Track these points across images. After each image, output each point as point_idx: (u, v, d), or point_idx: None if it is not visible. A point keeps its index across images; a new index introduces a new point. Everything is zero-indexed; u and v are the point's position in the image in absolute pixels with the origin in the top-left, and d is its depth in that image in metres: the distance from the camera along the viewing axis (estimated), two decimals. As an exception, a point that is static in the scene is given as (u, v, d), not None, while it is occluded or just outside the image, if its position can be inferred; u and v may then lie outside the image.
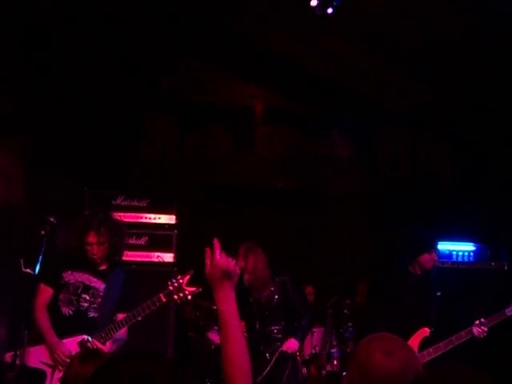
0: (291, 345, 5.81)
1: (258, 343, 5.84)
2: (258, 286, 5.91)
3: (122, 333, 5.08)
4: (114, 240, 5.17)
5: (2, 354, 5.03)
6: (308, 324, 6.12)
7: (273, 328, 5.84)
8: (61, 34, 7.30)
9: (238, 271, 2.52)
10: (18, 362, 4.56)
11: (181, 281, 4.95)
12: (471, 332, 5.60)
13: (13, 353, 4.58)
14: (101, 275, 5.18)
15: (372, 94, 8.56)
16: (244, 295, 5.89)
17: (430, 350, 5.51)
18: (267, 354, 5.80)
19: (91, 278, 5.15)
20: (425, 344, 5.55)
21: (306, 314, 5.99)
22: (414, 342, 5.51)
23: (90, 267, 5.17)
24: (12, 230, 6.86)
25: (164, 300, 4.96)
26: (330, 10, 6.15)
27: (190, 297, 4.99)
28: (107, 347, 4.93)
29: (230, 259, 2.50)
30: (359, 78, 8.20)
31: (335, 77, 8.32)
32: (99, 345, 4.88)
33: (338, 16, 6.32)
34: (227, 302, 2.44)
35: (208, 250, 2.51)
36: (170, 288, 4.94)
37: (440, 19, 6.57)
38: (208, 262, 2.49)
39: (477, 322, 5.58)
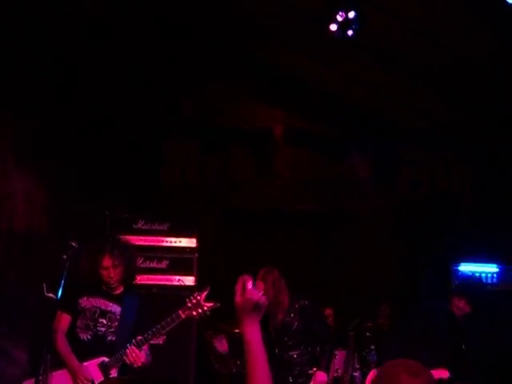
0: (320, 380, 5.72)
1: (279, 368, 5.79)
2: (274, 309, 5.84)
3: (147, 349, 5.11)
4: (127, 262, 5.21)
5: (24, 380, 5.05)
6: (330, 351, 6.05)
7: (292, 353, 5.79)
8: (82, 60, 7.39)
9: (266, 303, 2.57)
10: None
11: (198, 297, 5.01)
12: None
13: (34, 379, 4.58)
14: (116, 299, 5.21)
15: (392, 116, 8.54)
16: (262, 322, 5.85)
17: None
18: (290, 378, 5.75)
19: (107, 302, 5.17)
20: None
21: (326, 341, 5.94)
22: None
23: (105, 292, 5.20)
24: (35, 255, 6.91)
25: (183, 316, 4.99)
26: (350, 33, 6.16)
27: (208, 312, 5.02)
28: (143, 356, 4.95)
29: (260, 292, 2.55)
30: (380, 99, 8.19)
31: (355, 99, 8.33)
32: (137, 351, 4.90)
33: (357, 38, 6.34)
34: (254, 332, 2.52)
35: (240, 280, 2.54)
36: (189, 304, 5.00)
37: (463, 40, 6.55)
38: (239, 291, 2.53)
39: None
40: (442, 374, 5.44)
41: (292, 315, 5.86)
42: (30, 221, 6.99)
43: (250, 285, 2.53)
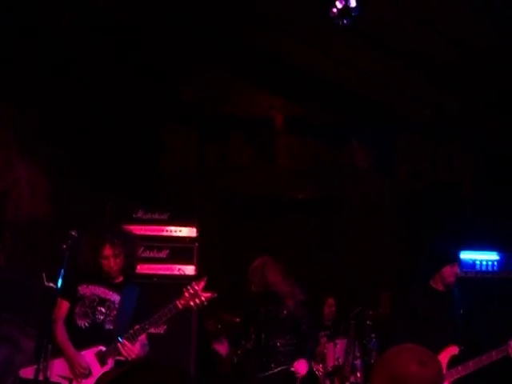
0: (301, 368, 5.78)
1: (262, 354, 5.85)
2: (283, 295, 5.91)
3: (145, 339, 5.11)
4: (128, 252, 5.19)
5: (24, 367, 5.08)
6: (313, 345, 6.26)
7: (277, 341, 5.82)
8: (83, 50, 7.38)
9: None
10: (40, 376, 4.56)
11: (196, 287, 4.99)
12: (505, 351, 5.41)
13: (34, 367, 4.59)
14: (116, 288, 5.19)
15: (392, 104, 8.52)
16: (255, 306, 5.91)
17: (459, 368, 5.37)
18: (272, 365, 5.79)
19: (106, 291, 5.16)
20: (453, 362, 5.42)
21: (311, 336, 6.02)
22: (443, 359, 5.38)
23: (105, 280, 5.18)
24: (39, 243, 6.92)
25: (180, 307, 4.97)
26: (344, 21, 6.14)
27: (206, 302, 5.02)
28: (137, 348, 4.95)
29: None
30: (379, 87, 8.17)
31: (355, 87, 8.30)
32: (129, 345, 4.90)
33: (357, 26, 6.31)
34: None
35: None
36: (186, 295, 4.98)
37: (463, 29, 6.53)
38: None
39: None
40: (451, 351, 5.45)
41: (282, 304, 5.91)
42: (34, 209, 7.00)
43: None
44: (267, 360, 5.79)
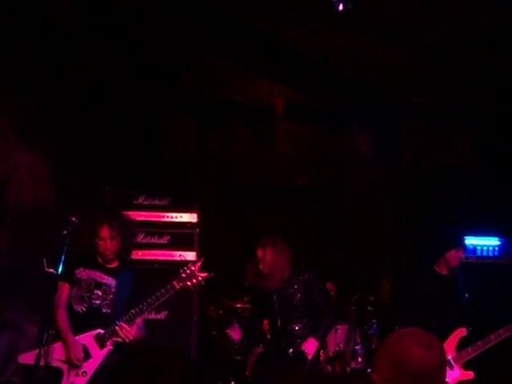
0: (310, 346, 5.71)
1: (280, 340, 5.82)
2: (272, 277, 5.85)
3: (141, 322, 5.15)
4: (125, 235, 5.23)
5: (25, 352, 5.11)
6: (330, 323, 6.05)
7: (294, 326, 5.80)
8: (82, 37, 7.34)
9: None
10: (41, 362, 4.59)
11: (192, 267, 5.07)
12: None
13: (34, 352, 4.63)
14: (111, 272, 5.24)
15: (393, 89, 8.49)
16: (267, 293, 5.88)
17: (469, 349, 5.43)
18: (290, 351, 5.76)
19: (102, 275, 5.20)
20: (462, 344, 5.46)
21: (328, 314, 5.93)
22: (452, 342, 5.44)
23: (100, 265, 5.23)
24: (40, 229, 6.92)
25: (177, 287, 5.05)
26: (342, 7, 6.10)
27: (203, 282, 5.07)
28: (134, 331, 5.00)
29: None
30: (380, 72, 8.14)
31: (356, 72, 8.27)
32: (127, 327, 4.94)
33: (358, 10, 6.28)
34: None
35: None
36: (183, 275, 5.06)
37: (464, 12, 6.49)
38: None
39: None
40: (460, 333, 5.50)
41: (296, 287, 5.86)
42: (35, 195, 7.00)
43: None
44: (285, 346, 5.78)
